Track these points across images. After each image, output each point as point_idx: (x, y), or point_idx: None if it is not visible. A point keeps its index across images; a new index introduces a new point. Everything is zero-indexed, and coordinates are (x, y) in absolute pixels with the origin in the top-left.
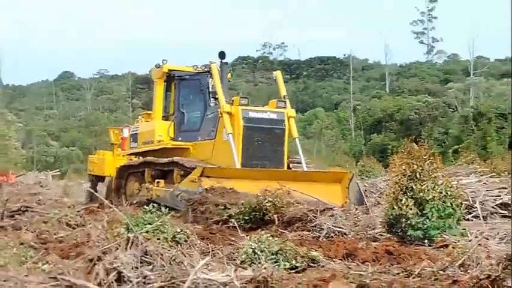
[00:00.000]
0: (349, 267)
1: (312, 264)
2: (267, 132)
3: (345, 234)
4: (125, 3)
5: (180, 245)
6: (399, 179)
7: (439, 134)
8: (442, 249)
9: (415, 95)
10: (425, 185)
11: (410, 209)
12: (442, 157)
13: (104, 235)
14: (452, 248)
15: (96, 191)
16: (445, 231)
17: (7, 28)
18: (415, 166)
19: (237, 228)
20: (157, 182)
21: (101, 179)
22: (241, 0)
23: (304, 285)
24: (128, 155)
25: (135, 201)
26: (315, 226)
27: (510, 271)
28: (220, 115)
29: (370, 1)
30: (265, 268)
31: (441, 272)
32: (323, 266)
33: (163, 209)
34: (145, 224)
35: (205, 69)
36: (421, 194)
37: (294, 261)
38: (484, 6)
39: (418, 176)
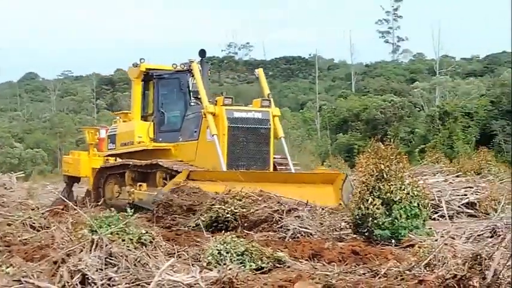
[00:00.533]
0: (315, 268)
1: (278, 265)
2: (252, 132)
3: (311, 234)
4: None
5: (145, 247)
6: (366, 179)
7: (405, 134)
8: (408, 249)
9: (381, 95)
10: (392, 186)
11: (378, 209)
12: (409, 156)
13: (68, 237)
14: (419, 247)
15: (72, 192)
16: (411, 231)
17: None
18: (382, 166)
19: (203, 229)
20: (140, 185)
21: (77, 179)
22: (206, 1)
23: (270, 285)
24: (107, 156)
25: (99, 203)
26: (281, 227)
27: (477, 270)
28: (203, 116)
29: (334, 1)
30: (230, 269)
31: (407, 272)
32: (289, 267)
33: (128, 210)
34: (110, 226)
35: (185, 68)
36: (388, 194)
37: (259, 262)
38: (449, 5)
39: (385, 176)
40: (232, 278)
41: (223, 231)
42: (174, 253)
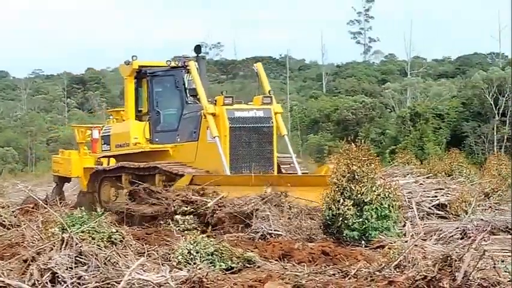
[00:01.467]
0: (285, 268)
1: (248, 265)
2: (255, 132)
3: (281, 234)
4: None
5: (115, 246)
6: (338, 180)
7: (376, 135)
8: (378, 250)
9: (352, 95)
10: (364, 187)
11: (349, 210)
12: (379, 158)
13: (39, 235)
14: (389, 248)
15: (63, 193)
16: (382, 232)
17: None
18: (354, 167)
19: (173, 229)
20: None
21: (67, 179)
22: (176, 1)
23: (240, 285)
24: (101, 158)
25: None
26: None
27: (447, 272)
28: (203, 116)
29: (306, 1)
30: (200, 269)
31: (377, 272)
32: (259, 267)
33: (98, 209)
34: (81, 224)
35: (180, 64)
36: (359, 195)
37: (229, 262)
38: (421, 6)
39: (356, 177)
40: (202, 278)
41: (194, 230)
42: (144, 252)
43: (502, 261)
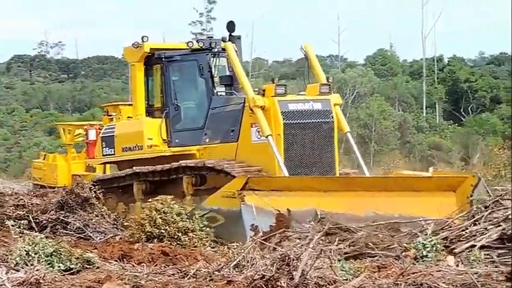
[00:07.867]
0: (125, 269)
1: (87, 266)
2: (312, 129)
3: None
4: None
5: None
6: None
7: None
8: (218, 250)
9: None
10: None
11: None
12: None
13: None
14: (228, 248)
15: None
16: None
17: None
18: None
19: (10, 229)
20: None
21: (51, 189)
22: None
23: (78, 286)
24: (102, 163)
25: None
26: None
27: (285, 271)
28: (249, 110)
29: (148, 1)
30: (38, 270)
31: (216, 272)
32: (98, 268)
33: None
34: None
35: (204, 46)
36: None
37: (68, 263)
38: (262, 8)
39: None
40: (40, 279)
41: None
42: None
43: (339, 260)
